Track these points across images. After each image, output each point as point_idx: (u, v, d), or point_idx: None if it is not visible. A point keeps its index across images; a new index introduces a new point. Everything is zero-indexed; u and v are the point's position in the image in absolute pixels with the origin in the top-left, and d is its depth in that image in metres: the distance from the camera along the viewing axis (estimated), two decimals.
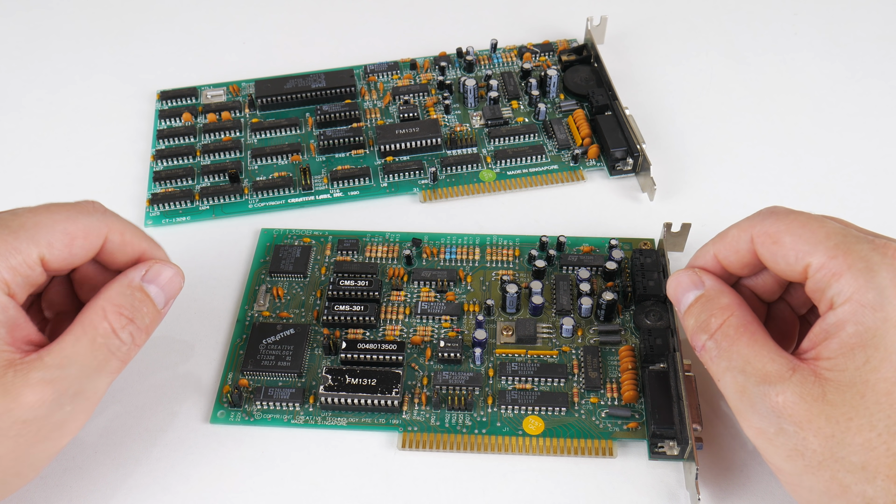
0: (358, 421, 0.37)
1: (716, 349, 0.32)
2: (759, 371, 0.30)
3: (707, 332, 0.32)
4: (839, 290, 0.29)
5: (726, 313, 0.32)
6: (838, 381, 0.28)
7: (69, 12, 0.60)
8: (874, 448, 0.28)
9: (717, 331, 0.32)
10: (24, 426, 0.30)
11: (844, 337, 0.29)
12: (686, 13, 0.58)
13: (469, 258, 0.43)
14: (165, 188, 0.47)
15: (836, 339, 0.29)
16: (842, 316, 0.29)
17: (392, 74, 0.53)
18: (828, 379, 0.29)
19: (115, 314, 0.32)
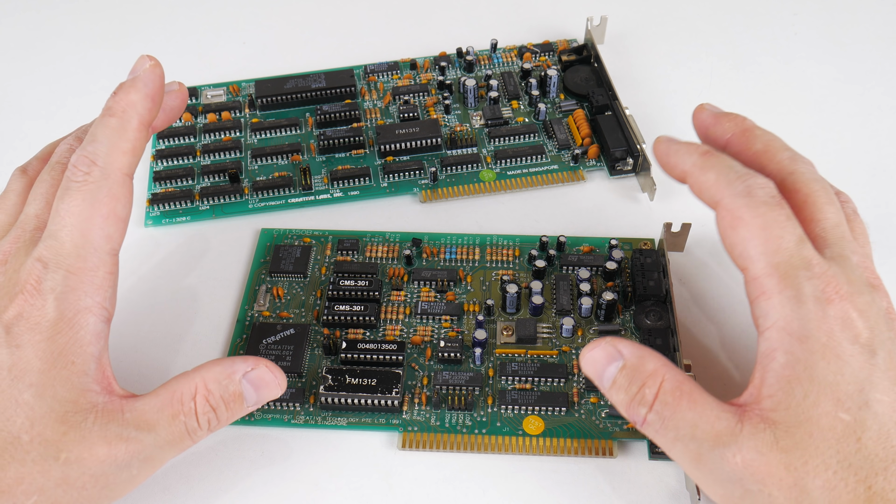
0: (358, 421, 0.37)
1: (659, 421, 0.29)
2: (710, 433, 0.28)
3: (644, 404, 0.29)
4: (766, 312, 0.29)
5: (657, 379, 0.30)
6: (785, 422, 0.28)
7: (69, 13, 0.60)
8: (834, 487, 0.27)
9: (655, 401, 0.29)
10: (92, 480, 0.29)
11: (777, 368, 0.28)
12: (686, 13, 0.58)
13: (469, 258, 0.43)
14: (165, 188, 0.47)
15: (770, 373, 0.28)
16: (771, 343, 0.29)
17: (392, 74, 0.53)
18: (775, 422, 0.28)
19: (203, 400, 0.31)
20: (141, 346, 0.40)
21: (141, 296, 0.42)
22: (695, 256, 0.43)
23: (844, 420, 0.27)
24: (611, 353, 0.31)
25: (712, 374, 0.39)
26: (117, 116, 0.32)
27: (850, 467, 0.27)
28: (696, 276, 0.43)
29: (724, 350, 0.39)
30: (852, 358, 0.28)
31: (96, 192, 0.31)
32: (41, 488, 0.29)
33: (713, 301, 0.41)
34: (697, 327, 0.40)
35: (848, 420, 0.27)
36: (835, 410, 0.27)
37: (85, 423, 0.29)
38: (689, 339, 0.40)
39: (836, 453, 0.27)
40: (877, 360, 0.28)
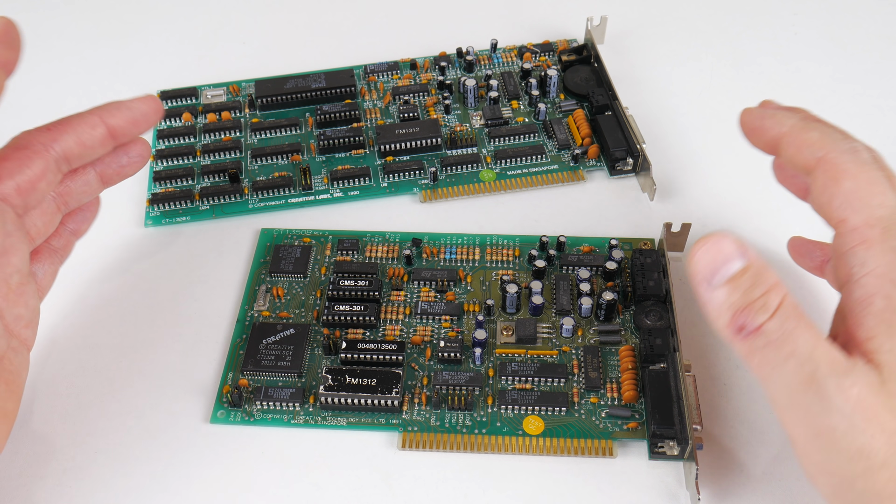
0: (358, 421, 0.37)
1: (779, 331, 0.27)
2: (828, 358, 0.27)
3: (766, 311, 0.27)
4: (864, 260, 0.28)
5: (782, 290, 0.28)
6: (889, 365, 0.27)
7: (69, 13, 0.60)
8: None
9: (779, 309, 0.28)
10: None
11: (877, 312, 0.28)
12: (686, 13, 0.58)
13: (469, 258, 0.43)
14: (165, 188, 0.47)
15: (869, 315, 0.28)
16: (867, 289, 0.28)
17: (392, 74, 0.53)
18: (881, 364, 0.27)
19: None
20: (141, 346, 0.40)
21: (141, 296, 0.42)
22: None
23: None
24: (741, 249, 0.28)
25: (712, 374, 0.39)
26: None
27: None
28: None
29: (724, 350, 0.39)
30: None
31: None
32: None
33: None
34: (697, 327, 0.40)
35: None
36: None
37: None
38: (689, 339, 0.40)
39: None
40: None
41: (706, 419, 0.37)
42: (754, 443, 0.36)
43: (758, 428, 0.37)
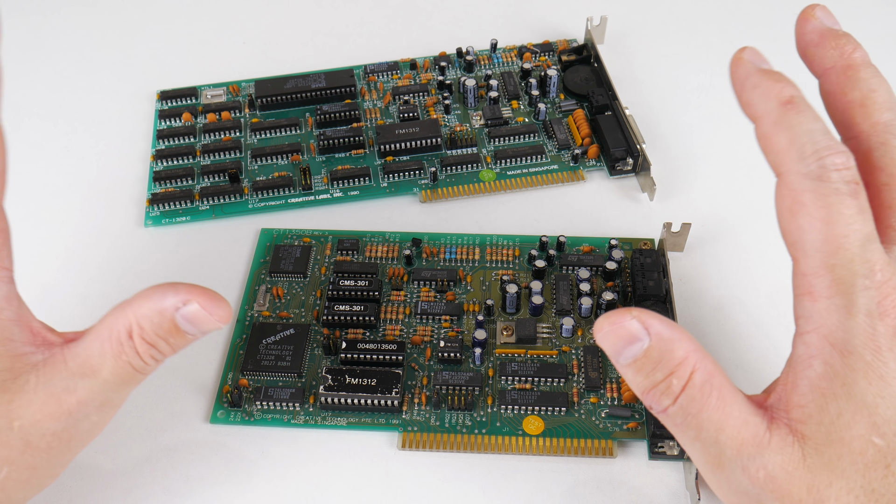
0: (358, 421, 0.37)
1: (681, 416, 0.26)
2: (735, 440, 0.26)
3: (669, 395, 0.26)
4: (809, 314, 0.26)
5: (686, 370, 0.26)
6: (815, 438, 0.26)
7: (70, 13, 0.60)
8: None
9: (682, 393, 0.26)
10: (55, 438, 0.29)
11: (813, 377, 0.26)
12: (686, 13, 0.58)
13: (469, 258, 0.43)
14: (165, 188, 0.47)
15: (805, 381, 0.26)
16: (809, 349, 0.26)
17: (392, 74, 0.53)
18: (805, 436, 0.26)
19: (139, 338, 0.29)
20: None
21: None
22: (695, 256, 0.43)
23: (877, 445, 0.25)
24: (636, 332, 0.26)
25: None
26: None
27: (873, 493, 0.25)
28: (696, 276, 0.43)
29: (724, 350, 0.39)
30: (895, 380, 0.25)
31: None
32: (8, 459, 0.28)
33: (713, 301, 0.41)
34: (697, 327, 0.40)
35: (881, 445, 0.25)
36: (869, 434, 0.25)
37: (27, 386, 0.28)
38: None
39: (862, 478, 0.25)
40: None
41: None
42: None
43: None
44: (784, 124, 0.26)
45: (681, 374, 0.26)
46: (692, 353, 0.26)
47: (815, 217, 0.25)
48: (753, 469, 0.26)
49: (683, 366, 0.26)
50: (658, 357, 0.26)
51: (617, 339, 0.27)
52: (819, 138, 0.26)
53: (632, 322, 0.26)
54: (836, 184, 0.25)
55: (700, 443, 0.27)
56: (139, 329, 0.29)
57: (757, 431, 0.26)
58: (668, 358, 0.26)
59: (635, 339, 0.26)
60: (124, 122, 0.51)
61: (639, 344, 0.26)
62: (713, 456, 0.27)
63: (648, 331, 0.26)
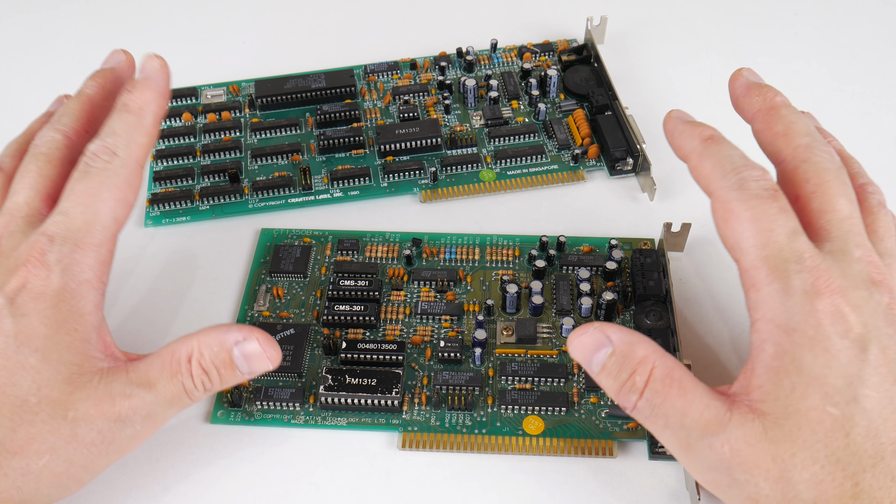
0: (358, 421, 0.37)
1: (649, 408, 0.29)
2: (699, 422, 0.28)
3: (635, 391, 0.30)
4: (755, 304, 0.29)
5: (647, 367, 0.30)
6: (774, 413, 0.28)
7: (69, 13, 0.60)
8: (821, 482, 0.27)
9: (645, 388, 0.29)
10: (99, 436, 0.30)
11: (766, 359, 0.29)
12: (686, 13, 0.58)
13: (469, 258, 0.43)
14: (165, 188, 0.47)
15: (759, 364, 0.29)
16: (760, 335, 0.29)
17: (392, 74, 0.53)
18: (764, 413, 0.28)
19: (197, 364, 0.32)
20: (141, 346, 0.40)
21: (141, 296, 0.42)
22: (695, 256, 0.43)
23: (833, 414, 0.27)
24: (599, 339, 0.31)
25: (713, 374, 0.39)
26: (134, 113, 0.34)
27: (838, 462, 0.27)
28: (696, 276, 0.43)
29: (724, 350, 0.39)
30: (841, 352, 0.28)
31: (115, 177, 0.33)
32: (52, 447, 0.30)
33: (713, 301, 0.41)
34: (697, 327, 0.40)
35: (836, 414, 0.27)
36: (823, 404, 0.27)
37: (90, 384, 0.31)
38: (689, 339, 0.40)
39: (825, 447, 0.27)
40: (868, 356, 0.28)
41: None
42: None
43: None
44: (707, 154, 0.32)
45: (642, 371, 0.30)
46: (651, 353, 0.30)
47: (744, 218, 0.29)
48: (718, 445, 0.28)
49: (644, 363, 0.30)
50: (622, 359, 0.30)
51: (584, 349, 0.31)
52: (736, 159, 0.31)
53: (595, 332, 0.31)
54: (755, 190, 0.30)
55: (669, 429, 0.29)
56: (199, 355, 0.32)
57: (718, 412, 0.29)
58: (630, 358, 0.30)
59: (600, 346, 0.31)
60: None
61: (604, 350, 0.30)
62: (682, 440, 0.29)
63: (610, 338, 0.30)
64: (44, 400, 0.30)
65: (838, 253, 0.30)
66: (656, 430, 0.30)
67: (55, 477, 0.30)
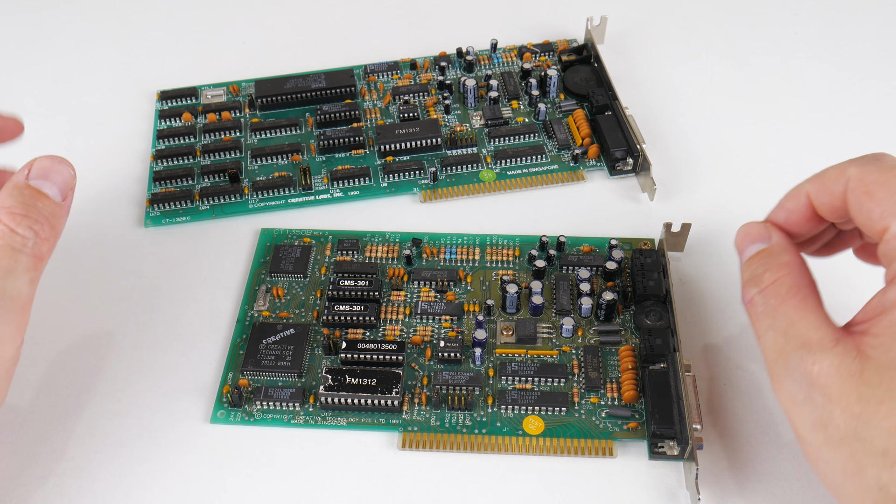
0: (358, 421, 0.37)
1: (763, 305, 0.31)
2: (801, 336, 0.29)
3: (758, 285, 0.31)
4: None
5: (783, 271, 0.31)
6: (879, 360, 0.28)
7: (70, 13, 0.60)
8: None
9: (769, 287, 0.31)
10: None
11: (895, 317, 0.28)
12: (686, 13, 0.58)
13: (469, 258, 0.43)
14: (165, 188, 0.47)
15: (887, 318, 0.29)
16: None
17: (392, 74, 0.53)
18: (869, 357, 0.28)
19: (8, 214, 0.31)
20: (141, 346, 0.40)
21: (141, 296, 0.42)
22: (695, 256, 0.43)
23: None
24: (763, 234, 0.33)
25: (712, 373, 0.39)
26: None
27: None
28: (696, 276, 0.43)
29: (724, 350, 0.39)
30: None
31: None
32: None
33: (713, 301, 0.41)
34: (697, 327, 0.40)
35: None
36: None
37: None
38: (689, 339, 0.40)
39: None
40: None
41: (706, 419, 0.37)
42: (754, 443, 0.36)
43: (758, 428, 0.37)
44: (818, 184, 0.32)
45: (776, 272, 0.31)
46: (794, 263, 0.31)
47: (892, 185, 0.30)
48: (810, 362, 0.29)
49: (781, 268, 0.31)
50: (766, 256, 0.32)
51: (748, 237, 0.33)
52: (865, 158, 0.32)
53: (766, 226, 0.33)
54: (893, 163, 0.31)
55: (772, 332, 0.30)
56: (4, 209, 0.32)
57: (824, 337, 0.29)
58: (774, 258, 0.32)
59: (762, 240, 0.32)
60: (124, 122, 0.51)
61: (760, 244, 0.32)
62: (780, 345, 0.30)
63: (771, 237, 0.32)
64: None
65: None
66: (760, 329, 0.31)
67: None
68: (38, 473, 0.36)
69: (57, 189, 0.33)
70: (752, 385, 0.38)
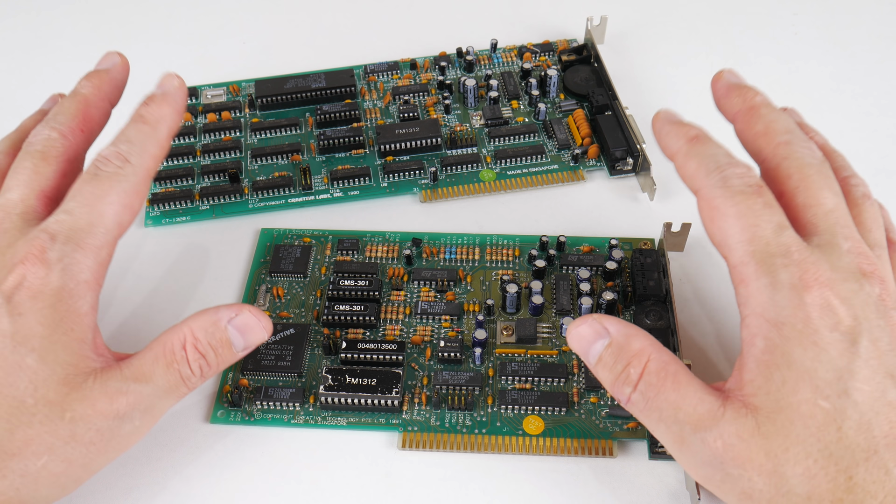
0: (358, 421, 0.37)
1: (643, 401, 0.30)
2: (692, 417, 0.29)
3: (629, 384, 0.30)
4: (745, 300, 0.29)
5: (643, 359, 0.30)
6: (766, 408, 0.28)
7: (69, 13, 0.60)
8: (814, 476, 0.27)
9: (640, 381, 0.30)
10: (98, 434, 0.30)
11: (757, 354, 0.29)
12: (686, 13, 0.58)
13: (469, 258, 0.43)
14: (165, 188, 0.47)
15: (750, 359, 0.29)
16: (750, 329, 0.29)
17: (392, 74, 0.53)
18: (756, 407, 0.28)
19: (192, 347, 0.32)
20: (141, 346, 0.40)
21: (141, 296, 0.42)
22: (695, 256, 0.43)
23: (824, 408, 0.27)
24: (598, 330, 0.31)
25: (713, 374, 0.39)
26: (150, 124, 0.34)
27: (831, 457, 0.27)
28: (696, 276, 0.43)
29: (724, 350, 0.39)
30: (830, 345, 0.28)
31: (124, 183, 0.33)
32: (50, 447, 0.30)
33: (713, 301, 0.41)
34: (697, 327, 0.40)
35: (827, 408, 0.27)
36: (814, 398, 0.27)
37: (86, 384, 0.30)
38: (689, 339, 0.40)
39: (817, 441, 0.27)
40: (858, 349, 0.28)
41: None
42: None
43: None
44: (692, 154, 0.32)
45: (637, 364, 0.30)
46: (647, 346, 0.30)
47: (729, 215, 0.30)
48: (711, 440, 0.28)
49: (639, 356, 0.30)
50: (617, 351, 0.30)
51: (582, 339, 0.31)
52: (720, 157, 0.31)
53: (593, 323, 0.31)
54: (739, 186, 0.30)
55: (663, 423, 0.29)
56: (193, 339, 0.32)
57: (712, 407, 0.29)
58: (625, 350, 0.30)
59: (598, 337, 0.31)
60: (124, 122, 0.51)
61: (601, 341, 0.31)
62: (676, 434, 0.29)
63: (608, 330, 0.31)
64: (41, 401, 0.30)
65: (826, 246, 0.30)
66: (650, 424, 0.30)
67: (53, 477, 0.30)
68: None
69: (243, 344, 0.34)
70: None
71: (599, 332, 0.31)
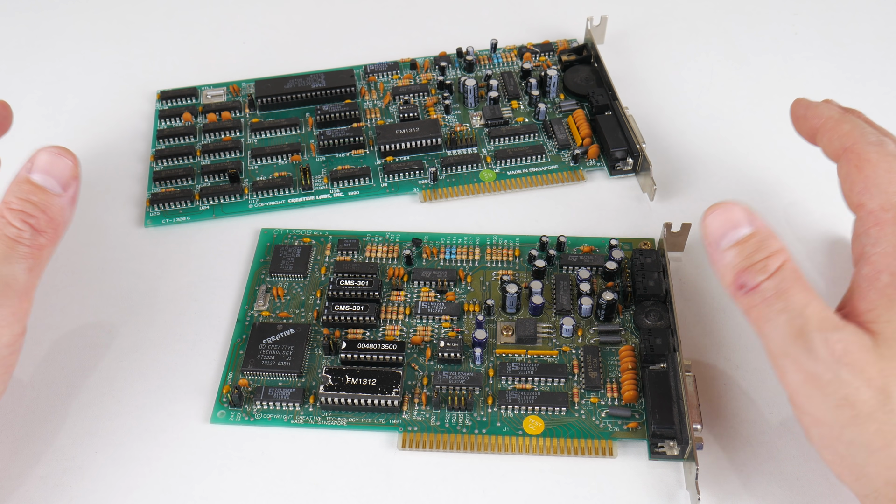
0: (358, 421, 0.37)
1: (773, 290, 0.30)
2: (819, 315, 0.30)
3: (765, 272, 0.31)
4: (876, 240, 0.31)
5: (783, 256, 0.31)
6: (885, 333, 0.29)
7: (69, 12, 0.60)
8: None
9: (777, 272, 0.30)
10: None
11: (881, 287, 0.30)
12: (686, 13, 0.58)
13: (469, 258, 0.43)
14: (165, 188, 0.47)
15: (873, 290, 0.30)
16: (876, 266, 0.31)
17: (392, 74, 0.53)
18: (875, 332, 0.29)
19: (6, 209, 0.33)
20: (141, 346, 0.40)
21: (141, 296, 0.42)
22: (695, 256, 0.43)
23: None
24: (750, 217, 0.32)
25: (712, 373, 0.39)
26: None
27: None
28: (696, 276, 0.43)
29: (724, 350, 0.39)
30: None
31: None
32: None
33: (713, 301, 0.41)
34: (697, 327, 0.40)
35: None
36: None
37: None
38: (689, 339, 0.40)
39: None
40: None
41: (706, 419, 0.37)
42: (754, 443, 0.36)
43: (758, 428, 0.37)
44: (846, 119, 0.35)
45: (777, 258, 0.31)
46: (786, 249, 0.31)
47: (881, 167, 0.32)
48: (834, 340, 0.29)
49: (781, 253, 0.31)
50: (759, 242, 0.31)
51: (726, 222, 0.32)
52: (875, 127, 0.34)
53: (744, 211, 0.32)
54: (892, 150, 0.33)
55: (786, 314, 0.30)
56: (3, 204, 0.33)
57: (836, 317, 0.30)
58: (768, 245, 0.31)
59: (739, 224, 0.32)
60: (124, 122, 0.51)
61: (745, 228, 0.32)
62: (797, 326, 0.30)
63: (753, 222, 0.32)
64: None
65: None
66: (771, 314, 0.30)
67: None
68: (38, 473, 0.36)
69: (55, 181, 0.34)
70: (752, 385, 0.38)
71: (751, 219, 0.32)
